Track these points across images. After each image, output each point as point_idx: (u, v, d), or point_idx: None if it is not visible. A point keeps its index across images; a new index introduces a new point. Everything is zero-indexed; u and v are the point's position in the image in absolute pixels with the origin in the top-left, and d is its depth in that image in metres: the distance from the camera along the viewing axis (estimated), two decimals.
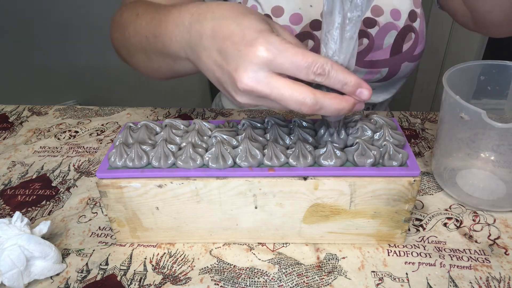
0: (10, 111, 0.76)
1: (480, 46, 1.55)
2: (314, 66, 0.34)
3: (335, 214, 0.44)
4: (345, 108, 0.36)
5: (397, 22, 0.65)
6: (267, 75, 0.34)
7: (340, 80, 0.35)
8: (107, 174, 0.43)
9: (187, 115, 0.73)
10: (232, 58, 0.35)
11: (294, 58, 0.34)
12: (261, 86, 0.34)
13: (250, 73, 0.34)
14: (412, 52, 0.66)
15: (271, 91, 0.34)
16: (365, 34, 0.64)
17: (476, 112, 0.44)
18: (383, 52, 0.66)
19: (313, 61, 0.34)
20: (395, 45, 0.65)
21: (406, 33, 0.65)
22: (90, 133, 0.69)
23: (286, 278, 0.43)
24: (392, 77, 0.69)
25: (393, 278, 0.43)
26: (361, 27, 0.64)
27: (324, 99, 0.35)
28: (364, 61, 0.66)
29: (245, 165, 0.42)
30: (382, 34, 0.64)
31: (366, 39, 0.65)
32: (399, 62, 0.67)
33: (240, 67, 0.35)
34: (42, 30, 1.58)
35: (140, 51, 0.50)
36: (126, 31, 0.51)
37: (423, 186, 0.55)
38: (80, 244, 0.48)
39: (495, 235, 0.48)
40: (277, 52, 0.34)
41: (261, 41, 0.34)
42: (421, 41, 0.67)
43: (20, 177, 0.60)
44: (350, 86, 0.35)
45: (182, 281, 0.44)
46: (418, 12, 0.66)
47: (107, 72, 1.65)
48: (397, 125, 0.47)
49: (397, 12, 0.65)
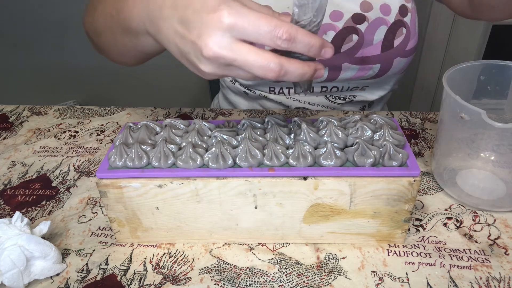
0: (10, 111, 0.76)
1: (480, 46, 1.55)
2: (278, 30, 0.34)
3: (335, 214, 0.44)
4: (307, 73, 0.36)
5: (387, 17, 0.64)
6: (231, 40, 0.34)
7: (306, 43, 0.35)
8: (107, 174, 0.43)
9: (187, 115, 0.73)
10: (194, 26, 0.35)
11: (257, 22, 0.33)
12: (226, 52, 0.34)
13: (214, 39, 0.34)
14: (404, 47, 0.66)
15: (236, 56, 0.34)
16: (354, 30, 0.64)
17: (476, 112, 0.44)
18: (374, 48, 0.65)
19: (276, 25, 0.34)
20: (385, 41, 0.64)
21: (397, 28, 0.64)
22: (90, 133, 0.69)
23: (286, 278, 0.43)
24: (384, 74, 0.68)
25: (393, 278, 0.43)
26: (350, 23, 0.64)
27: (288, 64, 0.35)
28: (355, 58, 0.65)
29: (245, 165, 0.42)
30: (372, 29, 0.64)
31: (355, 35, 0.64)
32: (391, 58, 0.66)
33: (203, 34, 0.34)
34: (42, 30, 1.58)
35: (107, 30, 0.49)
36: (96, 12, 0.51)
37: (423, 186, 0.55)
38: (80, 244, 0.48)
39: (495, 235, 0.48)
40: (240, 17, 0.33)
41: (223, 7, 0.34)
42: (413, 36, 0.66)
43: (20, 177, 0.60)
44: (315, 48, 0.35)
45: (182, 281, 0.44)
46: (409, 7, 0.65)
47: (107, 72, 1.65)
48: (397, 125, 0.47)
49: (387, 7, 0.64)
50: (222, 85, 0.83)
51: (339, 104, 0.75)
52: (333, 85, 0.71)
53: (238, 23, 0.33)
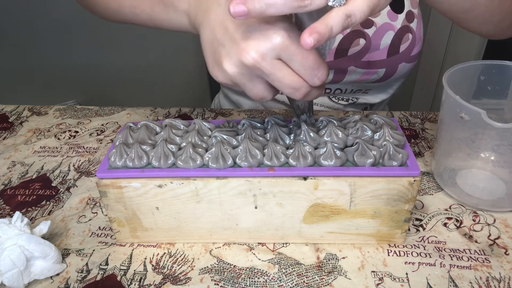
0: (10, 111, 0.76)
1: (480, 46, 1.55)
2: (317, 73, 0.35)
3: (335, 214, 0.44)
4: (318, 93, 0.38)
5: (394, 22, 0.65)
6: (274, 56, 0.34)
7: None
8: (107, 174, 0.43)
9: (187, 115, 0.73)
10: (247, 29, 0.34)
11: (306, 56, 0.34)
12: (265, 64, 0.34)
13: (261, 48, 0.34)
14: (409, 53, 0.66)
15: (274, 72, 0.34)
16: (362, 34, 0.64)
17: (476, 112, 0.44)
18: (380, 53, 0.65)
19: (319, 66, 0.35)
20: (392, 46, 0.65)
21: (403, 34, 0.65)
22: (90, 133, 0.69)
23: (286, 278, 0.43)
24: (389, 78, 0.69)
25: (393, 278, 0.43)
26: (358, 27, 0.64)
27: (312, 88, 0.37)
28: (362, 62, 0.66)
29: (245, 165, 0.42)
30: (379, 34, 0.64)
31: (363, 40, 0.64)
32: (396, 62, 0.67)
33: (252, 39, 0.34)
34: (42, 30, 1.58)
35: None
36: None
37: (423, 186, 0.55)
38: (80, 244, 0.48)
39: (495, 235, 0.48)
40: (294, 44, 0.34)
41: (285, 26, 0.34)
42: (418, 42, 0.67)
43: (20, 177, 0.60)
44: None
45: (182, 281, 0.44)
46: (415, 13, 0.66)
47: (107, 72, 1.65)
48: (397, 125, 0.47)
49: (394, 13, 0.65)
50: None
51: (342, 105, 0.75)
52: (336, 87, 0.71)
53: (291, 48, 0.34)
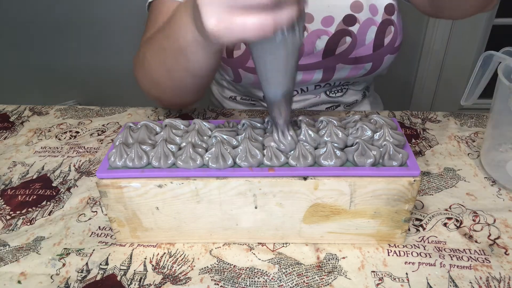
0: (11, 111, 0.76)
1: (480, 46, 1.55)
2: None
3: (335, 214, 0.44)
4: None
5: (375, 17, 0.66)
6: None
7: None
8: (107, 174, 0.43)
9: (187, 115, 0.73)
10: None
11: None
12: None
13: None
14: (393, 44, 0.68)
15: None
16: (347, 32, 0.65)
17: None
18: (366, 48, 0.67)
19: None
20: (376, 40, 0.66)
21: (385, 27, 0.66)
22: (91, 133, 0.69)
23: (286, 278, 0.43)
24: (375, 71, 0.70)
25: (393, 278, 0.43)
26: (342, 26, 0.65)
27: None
28: (349, 59, 0.67)
29: (245, 165, 0.42)
30: (364, 30, 0.66)
31: (349, 37, 0.66)
32: (382, 55, 0.68)
33: None
34: (42, 30, 1.58)
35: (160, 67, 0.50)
36: (146, 60, 0.53)
37: (423, 186, 0.55)
38: (80, 244, 0.48)
39: (495, 235, 0.48)
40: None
41: None
42: (400, 33, 0.69)
43: (21, 177, 0.60)
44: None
45: (182, 281, 0.44)
46: (395, 5, 0.68)
47: (108, 72, 1.65)
48: (397, 125, 0.47)
49: (375, 7, 0.66)
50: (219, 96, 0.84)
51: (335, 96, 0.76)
52: (325, 83, 0.73)
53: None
